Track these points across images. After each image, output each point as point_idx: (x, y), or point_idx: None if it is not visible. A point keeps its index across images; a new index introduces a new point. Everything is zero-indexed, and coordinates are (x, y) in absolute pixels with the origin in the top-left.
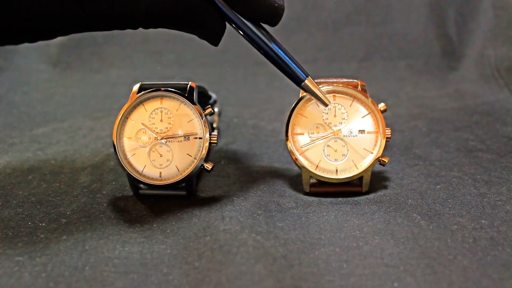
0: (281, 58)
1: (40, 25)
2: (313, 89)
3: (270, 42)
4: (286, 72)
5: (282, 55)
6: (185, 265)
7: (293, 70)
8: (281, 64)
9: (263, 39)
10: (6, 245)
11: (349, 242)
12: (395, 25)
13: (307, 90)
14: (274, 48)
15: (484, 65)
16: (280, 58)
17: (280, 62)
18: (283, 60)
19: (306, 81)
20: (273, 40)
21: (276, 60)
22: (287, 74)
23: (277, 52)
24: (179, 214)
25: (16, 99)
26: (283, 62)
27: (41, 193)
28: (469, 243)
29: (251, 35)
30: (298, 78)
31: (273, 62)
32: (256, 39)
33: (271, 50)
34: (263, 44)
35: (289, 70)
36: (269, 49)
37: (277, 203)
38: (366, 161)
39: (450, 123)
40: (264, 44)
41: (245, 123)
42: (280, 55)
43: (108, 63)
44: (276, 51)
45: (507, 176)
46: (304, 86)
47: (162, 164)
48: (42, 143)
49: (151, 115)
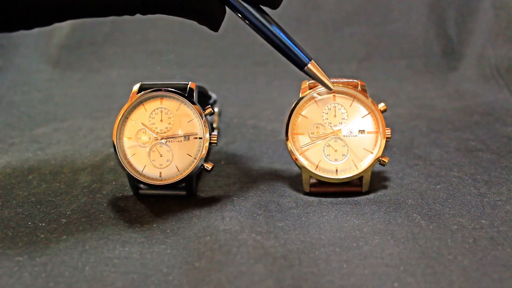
0: (282, 41)
1: (35, 11)
2: (316, 73)
3: (271, 25)
4: (288, 55)
5: (284, 38)
6: (185, 265)
7: (295, 53)
8: (283, 47)
9: (263, 21)
10: (6, 245)
11: (349, 242)
12: (395, 25)
13: (310, 74)
14: (274, 30)
15: (484, 65)
16: (281, 41)
17: (282, 46)
18: (285, 43)
19: (309, 64)
20: (274, 23)
21: (278, 44)
22: (289, 57)
23: (278, 35)
24: (179, 214)
25: (16, 99)
26: (285, 45)
27: (41, 193)
28: (469, 243)
29: (250, 18)
30: (301, 61)
31: (274, 45)
32: (255, 22)
33: (272, 33)
34: (263, 27)
35: (291, 53)
36: (270, 32)
37: (277, 203)
38: (366, 161)
39: (450, 123)
40: (264, 26)
41: (245, 123)
42: (282, 38)
43: (108, 63)
44: (277, 34)
45: (507, 176)
46: (307, 70)
47: (162, 164)
48: (42, 143)
49: (151, 115)
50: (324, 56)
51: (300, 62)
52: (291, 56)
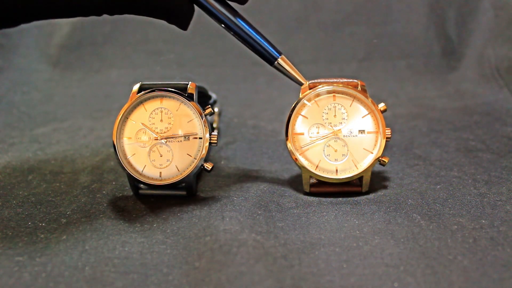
0: (250, 36)
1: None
2: (287, 68)
3: (238, 20)
4: (257, 50)
5: (252, 32)
6: (185, 265)
7: (264, 48)
8: (251, 42)
9: (230, 17)
10: (6, 245)
11: (349, 242)
12: (395, 25)
13: (280, 70)
14: (242, 26)
15: (484, 65)
16: (249, 36)
17: (250, 40)
18: (253, 38)
19: (279, 59)
20: (241, 18)
21: (246, 38)
22: (259, 52)
23: (246, 30)
24: (179, 214)
25: (16, 99)
26: (253, 40)
27: (41, 193)
28: (469, 243)
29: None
30: (270, 56)
31: (243, 40)
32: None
33: (240, 28)
34: (231, 23)
35: (260, 48)
36: (238, 27)
37: (277, 203)
38: (366, 161)
39: (450, 123)
40: (231, 22)
41: (245, 123)
42: (250, 33)
43: (108, 63)
44: (245, 29)
45: (507, 176)
46: (277, 65)
47: (162, 164)
48: (42, 143)
49: (151, 115)
50: (324, 56)
51: (269, 57)
52: (260, 51)
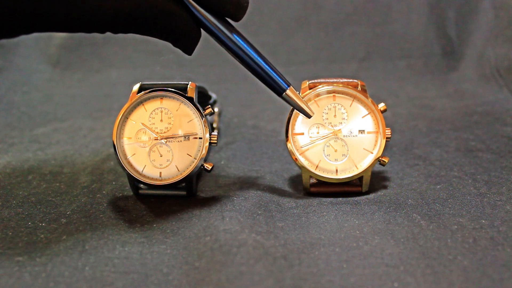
0: (260, 65)
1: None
2: (295, 99)
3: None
4: (265, 81)
5: (262, 62)
6: (185, 265)
7: (273, 78)
8: (260, 72)
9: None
10: (6, 245)
11: (349, 242)
12: (395, 25)
13: (288, 101)
14: (252, 55)
15: (484, 65)
16: (258, 66)
17: (259, 70)
18: (262, 68)
19: (287, 91)
20: (252, 48)
21: (254, 68)
22: (266, 83)
23: (256, 59)
24: (179, 214)
25: (16, 99)
26: (262, 70)
27: (41, 193)
28: (469, 243)
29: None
30: (279, 87)
31: (251, 70)
32: (232, 46)
33: (249, 57)
34: (240, 51)
35: (268, 78)
36: (247, 56)
37: (277, 203)
38: (366, 161)
39: (450, 123)
40: (241, 50)
41: (245, 123)
42: (259, 63)
43: (108, 63)
44: (254, 58)
45: (507, 176)
46: (285, 97)
47: (162, 164)
48: (42, 143)
49: (151, 115)
50: (324, 56)
51: (278, 88)
52: (268, 81)
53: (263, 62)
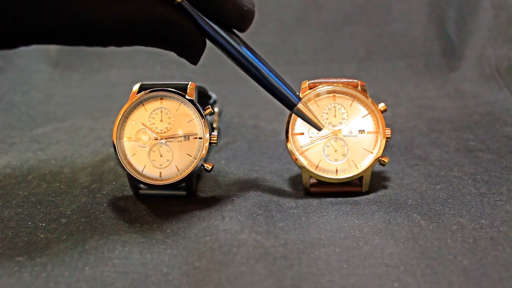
0: (270, 81)
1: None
2: (306, 113)
3: (259, 64)
4: (277, 96)
5: (273, 77)
6: (185, 265)
7: (284, 93)
8: (271, 87)
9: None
10: (6, 245)
11: (349, 242)
12: (395, 25)
13: (299, 115)
14: (263, 70)
15: (484, 65)
16: (269, 81)
17: (270, 85)
18: (273, 84)
19: (299, 105)
20: (263, 62)
21: (265, 83)
22: (278, 97)
23: (267, 74)
24: (179, 214)
25: (16, 99)
26: (273, 86)
27: (41, 193)
28: (469, 243)
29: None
30: (290, 102)
31: (261, 84)
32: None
33: (260, 72)
34: (251, 66)
35: (280, 94)
36: (258, 71)
37: (277, 203)
38: (366, 161)
39: (450, 123)
40: (252, 65)
41: (245, 123)
42: (270, 78)
43: (108, 63)
44: (265, 73)
45: (507, 176)
46: (297, 111)
47: (162, 164)
48: (42, 143)
49: (151, 115)
50: (324, 56)
51: (289, 103)
52: (279, 96)
53: (275, 78)
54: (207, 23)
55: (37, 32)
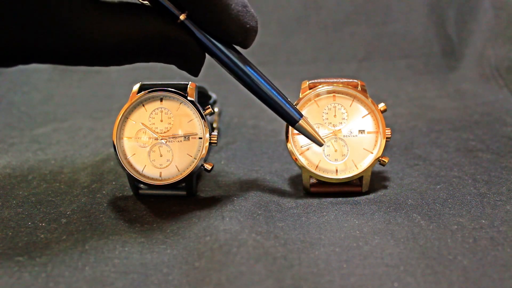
0: (272, 98)
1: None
2: (308, 129)
3: (261, 82)
4: (279, 112)
5: (275, 94)
6: (185, 265)
7: (286, 110)
8: (273, 104)
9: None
10: (6, 245)
11: (349, 242)
12: (395, 25)
13: (301, 131)
14: (265, 87)
15: (484, 65)
16: (271, 98)
17: (272, 103)
18: (275, 100)
19: (300, 121)
20: (264, 79)
21: (268, 100)
22: (280, 114)
23: (269, 91)
24: (179, 214)
25: (16, 99)
26: (275, 103)
27: (41, 193)
28: (469, 243)
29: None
30: (292, 119)
31: (264, 101)
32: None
33: (262, 90)
34: (253, 84)
35: (282, 110)
36: (260, 89)
37: (277, 203)
38: (366, 161)
39: (450, 123)
40: (254, 83)
41: (245, 123)
42: (272, 95)
43: None
44: (267, 91)
45: (507, 176)
46: (299, 127)
47: (162, 164)
48: (42, 143)
49: (151, 115)
50: (324, 56)
51: (291, 119)
52: (281, 113)
53: (277, 95)
54: (210, 41)
55: (36, 52)
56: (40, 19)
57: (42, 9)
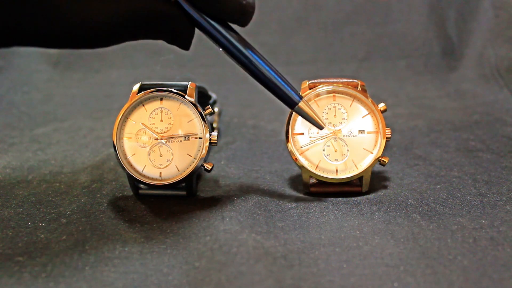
0: (271, 79)
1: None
2: (308, 112)
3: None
4: (278, 94)
5: (274, 75)
6: (185, 265)
7: (286, 92)
8: (272, 86)
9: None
10: (6, 245)
11: (349, 242)
12: (395, 25)
13: (301, 113)
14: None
15: (484, 65)
16: (270, 80)
17: (271, 84)
18: (274, 82)
19: (300, 103)
20: (263, 59)
21: (267, 82)
22: (279, 96)
23: (268, 72)
24: (179, 214)
25: (16, 99)
26: (274, 84)
27: (41, 193)
28: (469, 243)
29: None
30: (291, 100)
31: (263, 83)
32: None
33: (260, 71)
34: (251, 64)
35: (281, 92)
36: (258, 70)
37: (277, 203)
38: (366, 161)
39: (450, 123)
40: (252, 64)
41: (245, 123)
42: (271, 76)
43: (108, 63)
44: (266, 72)
45: (507, 176)
46: (298, 109)
47: (162, 164)
48: (42, 143)
49: (151, 115)
50: (324, 56)
51: (290, 101)
52: (280, 94)
53: (276, 75)
54: (206, 21)
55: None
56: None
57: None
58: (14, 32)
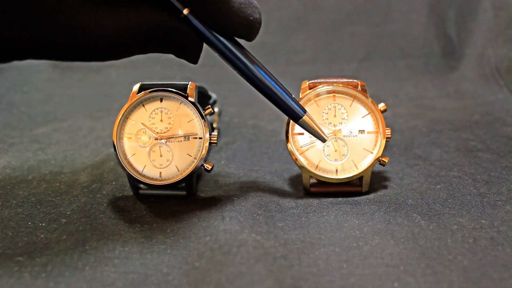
0: (277, 93)
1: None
2: (312, 124)
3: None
4: (283, 108)
5: (279, 90)
6: (185, 265)
7: (290, 106)
8: (278, 100)
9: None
10: (6, 245)
11: (349, 242)
12: (395, 25)
13: (305, 126)
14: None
15: (484, 65)
16: (275, 94)
17: (277, 99)
18: (279, 96)
19: (304, 117)
20: (269, 75)
21: (272, 96)
22: (284, 110)
23: (273, 87)
24: (179, 214)
25: (16, 99)
26: (279, 98)
27: (41, 193)
28: (469, 243)
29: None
30: (295, 114)
31: (268, 97)
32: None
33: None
34: (256, 79)
35: (286, 106)
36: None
37: (277, 203)
38: (366, 161)
39: (450, 123)
40: (258, 79)
41: (245, 123)
42: (276, 91)
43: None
44: (271, 87)
45: (507, 176)
46: (302, 123)
47: (162, 164)
48: (42, 143)
49: (151, 115)
50: (324, 56)
51: (294, 115)
52: (285, 108)
53: (280, 90)
54: (213, 35)
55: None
56: (34, 13)
57: (35, 3)
58: (27, 46)
